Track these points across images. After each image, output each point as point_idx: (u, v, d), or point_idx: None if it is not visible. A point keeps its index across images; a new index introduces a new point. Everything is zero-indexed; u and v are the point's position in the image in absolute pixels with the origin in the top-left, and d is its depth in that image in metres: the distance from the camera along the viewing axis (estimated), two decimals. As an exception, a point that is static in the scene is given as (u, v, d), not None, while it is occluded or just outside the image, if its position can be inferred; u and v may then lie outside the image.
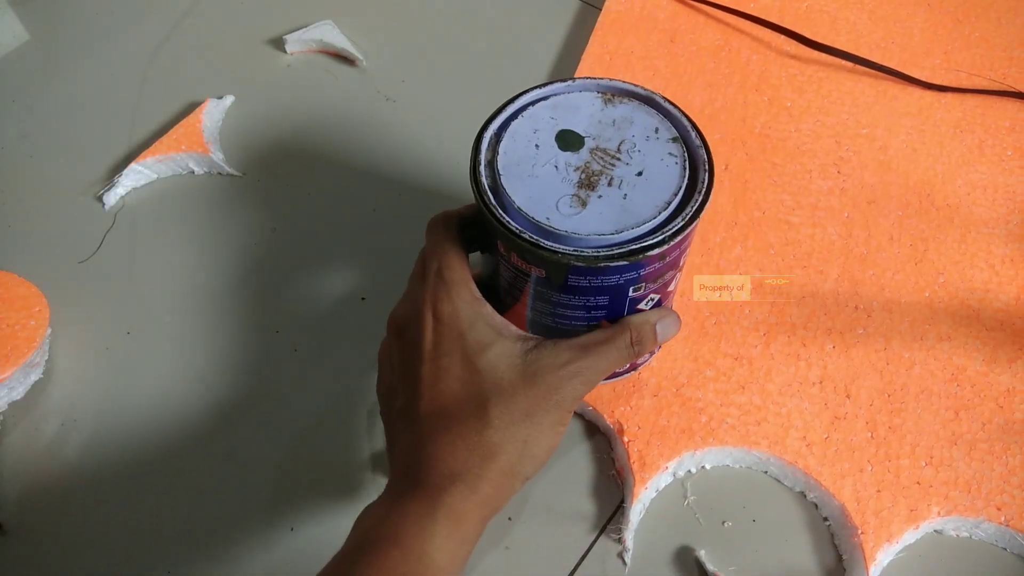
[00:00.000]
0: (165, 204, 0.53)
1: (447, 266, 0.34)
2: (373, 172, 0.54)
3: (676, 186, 0.33)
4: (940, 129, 0.55)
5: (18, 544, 0.40)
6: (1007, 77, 0.58)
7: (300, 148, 0.56)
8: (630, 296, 0.34)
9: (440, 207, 0.52)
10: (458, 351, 0.33)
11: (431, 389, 0.33)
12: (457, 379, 0.33)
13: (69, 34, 0.63)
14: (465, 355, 0.33)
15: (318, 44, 0.61)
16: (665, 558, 0.39)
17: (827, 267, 0.48)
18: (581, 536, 0.40)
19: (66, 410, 0.44)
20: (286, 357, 0.46)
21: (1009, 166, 0.53)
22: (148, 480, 0.42)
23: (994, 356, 0.45)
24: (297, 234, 0.51)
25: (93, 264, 0.50)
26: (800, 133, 0.54)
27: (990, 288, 0.47)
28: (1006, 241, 0.49)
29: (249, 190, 0.53)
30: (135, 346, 0.46)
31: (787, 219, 0.50)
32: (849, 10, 0.62)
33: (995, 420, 0.43)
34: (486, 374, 0.32)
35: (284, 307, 0.48)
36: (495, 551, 0.39)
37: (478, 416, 0.32)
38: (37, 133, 0.57)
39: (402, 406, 0.34)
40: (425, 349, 0.33)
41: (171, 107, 0.57)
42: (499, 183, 0.33)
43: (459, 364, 0.33)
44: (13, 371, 0.43)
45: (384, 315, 0.47)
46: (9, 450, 0.42)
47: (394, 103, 0.58)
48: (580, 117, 0.35)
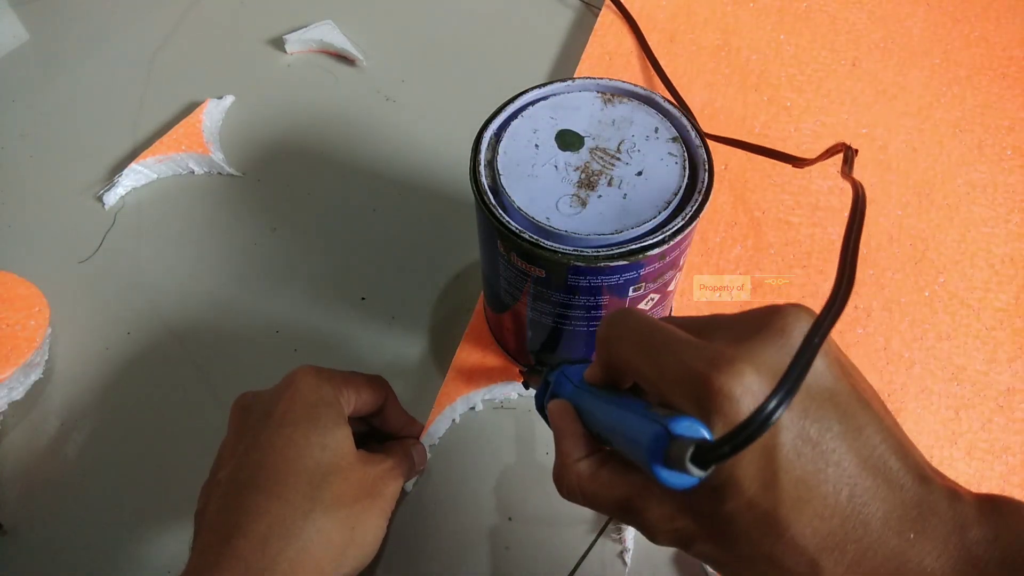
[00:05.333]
0: (165, 204, 0.53)
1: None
2: (373, 172, 0.54)
3: (676, 186, 0.33)
4: (940, 129, 0.55)
5: (18, 544, 0.40)
6: (1006, 76, 0.58)
7: (300, 148, 0.56)
8: (630, 296, 0.34)
9: (440, 207, 0.52)
10: (305, 422, 0.32)
11: (268, 455, 0.31)
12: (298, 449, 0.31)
13: (69, 34, 0.63)
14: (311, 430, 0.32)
15: (318, 44, 0.61)
16: (666, 558, 0.39)
17: (827, 267, 0.48)
18: (581, 536, 0.40)
19: (66, 410, 0.44)
20: (286, 357, 0.46)
21: (1008, 165, 0.53)
22: (148, 480, 0.42)
23: (994, 356, 0.45)
24: (297, 234, 0.51)
25: (93, 264, 0.50)
26: (800, 133, 0.54)
27: (990, 288, 0.47)
28: (1006, 240, 0.49)
29: (249, 190, 0.53)
30: (135, 346, 0.46)
31: (787, 219, 0.50)
32: (849, 10, 0.62)
33: (995, 420, 0.43)
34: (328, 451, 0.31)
35: (284, 307, 0.48)
36: (495, 551, 0.39)
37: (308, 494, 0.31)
38: (37, 133, 0.57)
39: (231, 472, 0.32)
40: (274, 415, 0.32)
41: (171, 107, 0.57)
42: (499, 183, 0.33)
43: (303, 435, 0.31)
44: (13, 371, 0.43)
45: (384, 315, 0.47)
46: (9, 450, 0.42)
47: (394, 103, 0.58)
48: (580, 117, 0.35)
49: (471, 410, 0.44)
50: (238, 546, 0.29)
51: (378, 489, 0.32)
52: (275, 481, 0.30)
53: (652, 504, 0.25)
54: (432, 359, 0.46)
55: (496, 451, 0.42)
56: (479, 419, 0.43)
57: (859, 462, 0.22)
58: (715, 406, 0.21)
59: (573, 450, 0.27)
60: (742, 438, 0.19)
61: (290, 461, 0.30)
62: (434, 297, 0.48)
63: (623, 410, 0.24)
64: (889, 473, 0.22)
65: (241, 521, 0.29)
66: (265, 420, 0.32)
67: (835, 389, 0.23)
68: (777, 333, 0.23)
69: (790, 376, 0.19)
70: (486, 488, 0.41)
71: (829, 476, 0.22)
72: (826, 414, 0.22)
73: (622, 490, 0.25)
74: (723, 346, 0.22)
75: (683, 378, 0.22)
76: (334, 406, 0.33)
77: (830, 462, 0.22)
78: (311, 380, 0.33)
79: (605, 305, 0.34)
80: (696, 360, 0.22)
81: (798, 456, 0.21)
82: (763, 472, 0.21)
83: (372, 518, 0.32)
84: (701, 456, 0.19)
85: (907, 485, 0.22)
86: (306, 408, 0.32)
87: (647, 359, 0.24)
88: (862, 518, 0.22)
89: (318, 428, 0.31)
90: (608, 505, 0.26)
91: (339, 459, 0.31)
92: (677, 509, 0.24)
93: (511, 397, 0.44)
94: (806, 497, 0.21)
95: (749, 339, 0.23)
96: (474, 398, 0.43)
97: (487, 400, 0.44)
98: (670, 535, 0.25)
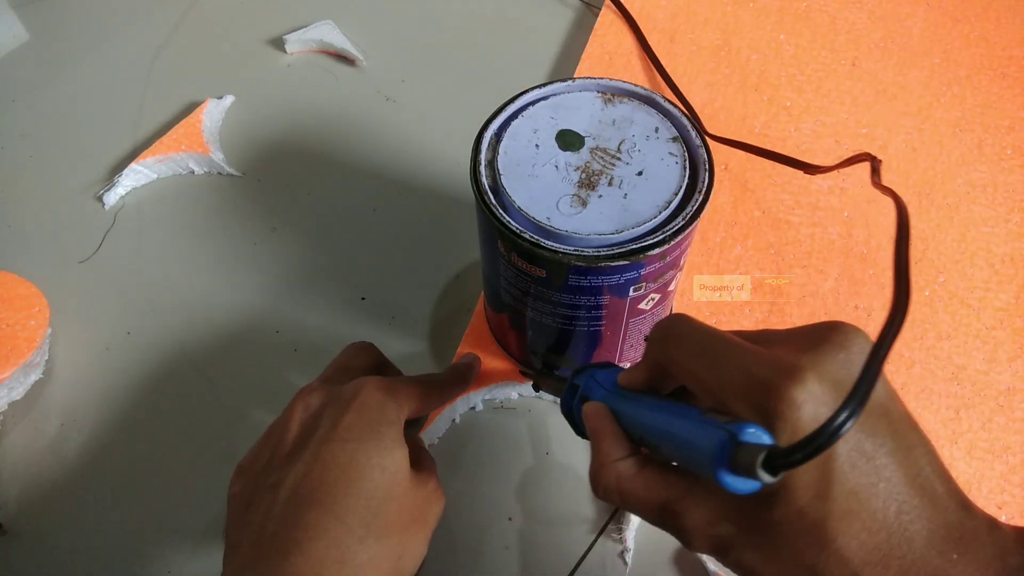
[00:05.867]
0: (165, 204, 0.53)
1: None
2: (373, 172, 0.54)
3: (676, 186, 0.33)
4: (939, 128, 0.55)
5: (18, 544, 0.40)
6: (1006, 76, 0.58)
7: (300, 148, 0.56)
8: (631, 296, 0.34)
9: (440, 207, 0.52)
10: (369, 440, 0.31)
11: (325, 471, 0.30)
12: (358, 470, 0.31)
13: (69, 34, 0.63)
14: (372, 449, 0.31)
15: (318, 44, 0.61)
16: (666, 557, 0.39)
17: (827, 266, 0.48)
18: (581, 536, 0.40)
19: (66, 410, 0.44)
20: (286, 357, 0.46)
21: (1008, 165, 0.53)
22: (148, 480, 0.42)
23: (994, 356, 0.45)
24: (297, 234, 0.51)
25: (93, 264, 0.50)
26: (800, 133, 0.54)
27: (990, 287, 0.48)
28: (1006, 240, 0.49)
29: (249, 190, 0.53)
30: (135, 346, 0.46)
31: (787, 219, 0.50)
32: (849, 10, 0.62)
33: (995, 420, 0.43)
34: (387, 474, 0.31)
35: (284, 307, 0.48)
36: (495, 551, 0.39)
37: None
38: (37, 133, 0.57)
39: (293, 482, 0.31)
40: (339, 428, 0.31)
41: (171, 107, 0.57)
42: (499, 183, 0.33)
43: (363, 456, 0.31)
44: (13, 371, 0.43)
45: (384, 315, 0.47)
46: (9, 450, 0.42)
47: (394, 103, 0.58)
48: (580, 117, 0.35)
49: (471, 410, 0.44)
50: (296, 563, 0.29)
51: (424, 515, 0.32)
52: (336, 501, 0.30)
53: (693, 508, 0.25)
54: (432, 359, 0.46)
55: (496, 451, 0.42)
56: (479, 419, 0.43)
57: (908, 480, 0.22)
58: (779, 412, 0.21)
59: (613, 450, 0.27)
60: (815, 446, 0.19)
61: (351, 481, 0.30)
62: (434, 297, 0.48)
63: (673, 415, 0.25)
64: (935, 495, 0.22)
65: (301, 538, 0.29)
66: (331, 431, 0.32)
67: (889, 407, 0.23)
68: (838, 347, 0.23)
69: (860, 388, 0.19)
70: (486, 488, 0.41)
71: (880, 491, 0.22)
72: (881, 430, 0.22)
73: (662, 493, 0.26)
74: (785, 354, 0.23)
75: (745, 384, 0.23)
76: (395, 424, 0.32)
77: (882, 477, 0.22)
78: (378, 396, 0.32)
79: (606, 305, 0.34)
80: (759, 367, 0.23)
81: (853, 468, 0.22)
82: (818, 481, 0.22)
83: (417, 545, 0.32)
84: (772, 462, 0.20)
85: (951, 508, 0.22)
86: (370, 426, 0.32)
87: (706, 363, 0.24)
88: (908, 535, 0.22)
89: (380, 448, 0.31)
90: (645, 506, 0.26)
91: (396, 484, 0.31)
92: (719, 515, 0.24)
93: (511, 397, 0.44)
94: (856, 509, 0.22)
95: (811, 350, 0.23)
96: (474, 398, 0.43)
97: (487, 400, 0.44)
98: (708, 541, 0.25)
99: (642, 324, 0.38)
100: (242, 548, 0.30)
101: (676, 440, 0.24)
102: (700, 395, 0.25)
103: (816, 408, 0.22)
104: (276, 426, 0.34)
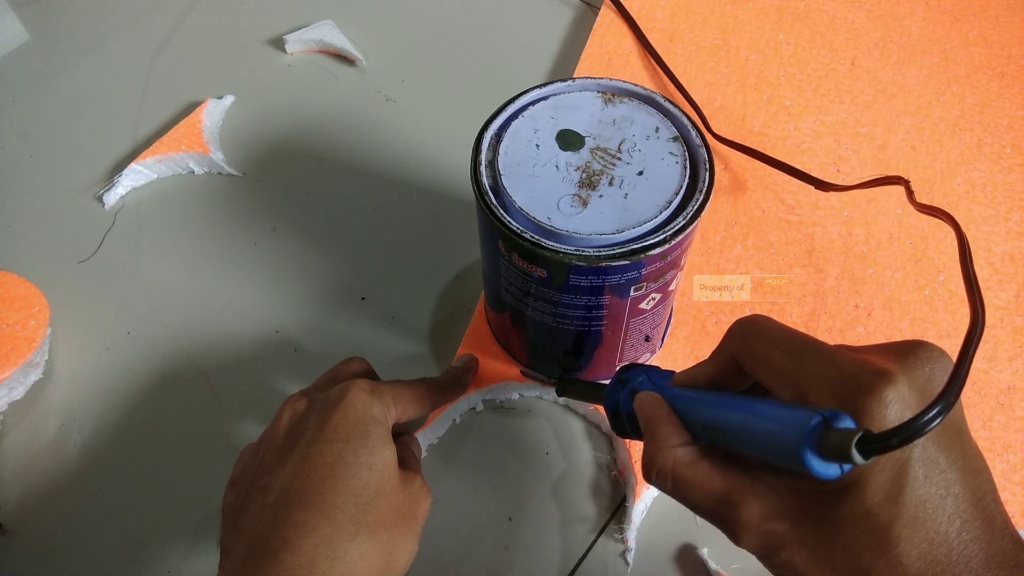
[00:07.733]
0: (165, 204, 0.53)
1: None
2: (373, 172, 0.54)
3: (677, 185, 0.33)
4: (939, 127, 0.55)
5: (18, 544, 0.40)
6: (1005, 75, 0.58)
7: (300, 148, 0.56)
8: (631, 295, 0.34)
9: (440, 207, 0.52)
10: (355, 438, 0.32)
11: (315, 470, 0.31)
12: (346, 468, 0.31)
13: (69, 34, 0.63)
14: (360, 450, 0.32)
15: (318, 44, 0.61)
16: (667, 557, 0.39)
17: (827, 266, 0.48)
18: (582, 536, 0.40)
19: (66, 410, 0.44)
20: (286, 357, 0.46)
21: (1008, 164, 0.53)
22: (148, 480, 0.42)
23: (994, 354, 0.45)
24: (297, 234, 0.51)
25: (93, 264, 0.50)
26: (800, 132, 0.54)
27: (990, 286, 0.48)
28: (1005, 239, 0.49)
29: (249, 190, 0.53)
30: (135, 346, 0.46)
31: (787, 218, 0.50)
32: (848, 9, 0.62)
33: (995, 418, 0.43)
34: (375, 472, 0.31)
35: (284, 307, 0.48)
36: (495, 551, 0.39)
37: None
38: (37, 133, 0.57)
39: (282, 483, 0.31)
40: (326, 428, 0.32)
41: (171, 107, 0.57)
42: (500, 183, 0.33)
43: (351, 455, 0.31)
44: (13, 371, 0.43)
45: (384, 315, 0.47)
46: (9, 450, 0.42)
47: (394, 103, 0.58)
48: (580, 117, 0.35)
49: (471, 410, 0.44)
50: (286, 561, 0.29)
51: (413, 512, 0.33)
52: (324, 499, 0.30)
53: (751, 501, 0.25)
54: (432, 359, 0.46)
55: (496, 451, 0.42)
56: (479, 419, 0.43)
57: (974, 501, 0.23)
58: (866, 408, 0.22)
59: (671, 436, 0.27)
60: (910, 432, 0.20)
61: (339, 480, 0.31)
62: (434, 297, 0.48)
63: (747, 403, 0.25)
64: (994, 522, 0.23)
65: (291, 537, 0.29)
66: (318, 432, 0.32)
67: (962, 428, 0.24)
68: (925, 360, 0.24)
69: (951, 387, 0.20)
70: (486, 488, 0.41)
71: (947, 505, 0.22)
72: (955, 447, 0.23)
73: (721, 483, 0.26)
74: (875, 359, 0.24)
75: (835, 379, 0.23)
76: (382, 424, 0.33)
77: (950, 492, 0.22)
78: (364, 397, 0.33)
79: (606, 305, 0.34)
80: (850, 365, 0.23)
81: (925, 477, 0.22)
82: (891, 484, 0.22)
83: (408, 542, 0.32)
84: (865, 444, 0.20)
85: (1007, 538, 0.23)
86: (357, 425, 0.32)
87: (793, 358, 0.25)
88: (966, 554, 0.22)
89: (367, 447, 0.32)
90: (702, 495, 0.26)
91: (384, 481, 0.31)
92: (777, 511, 0.25)
93: (511, 397, 0.44)
94: (922, 519, 0.22)
95: (900, 359, 0.24)
96: (474, 398, 0.43)
97: (487, 400, 0.44)
98: (760, 537, 0.25)
99: (642, 324, 0.38)
100: (235, 552, 0.30)
101: (752, 426, 0.24)
102: (779, 389, 0.25)
103: (902, 410, 0.22)
104: (264, 434, 0.35)
